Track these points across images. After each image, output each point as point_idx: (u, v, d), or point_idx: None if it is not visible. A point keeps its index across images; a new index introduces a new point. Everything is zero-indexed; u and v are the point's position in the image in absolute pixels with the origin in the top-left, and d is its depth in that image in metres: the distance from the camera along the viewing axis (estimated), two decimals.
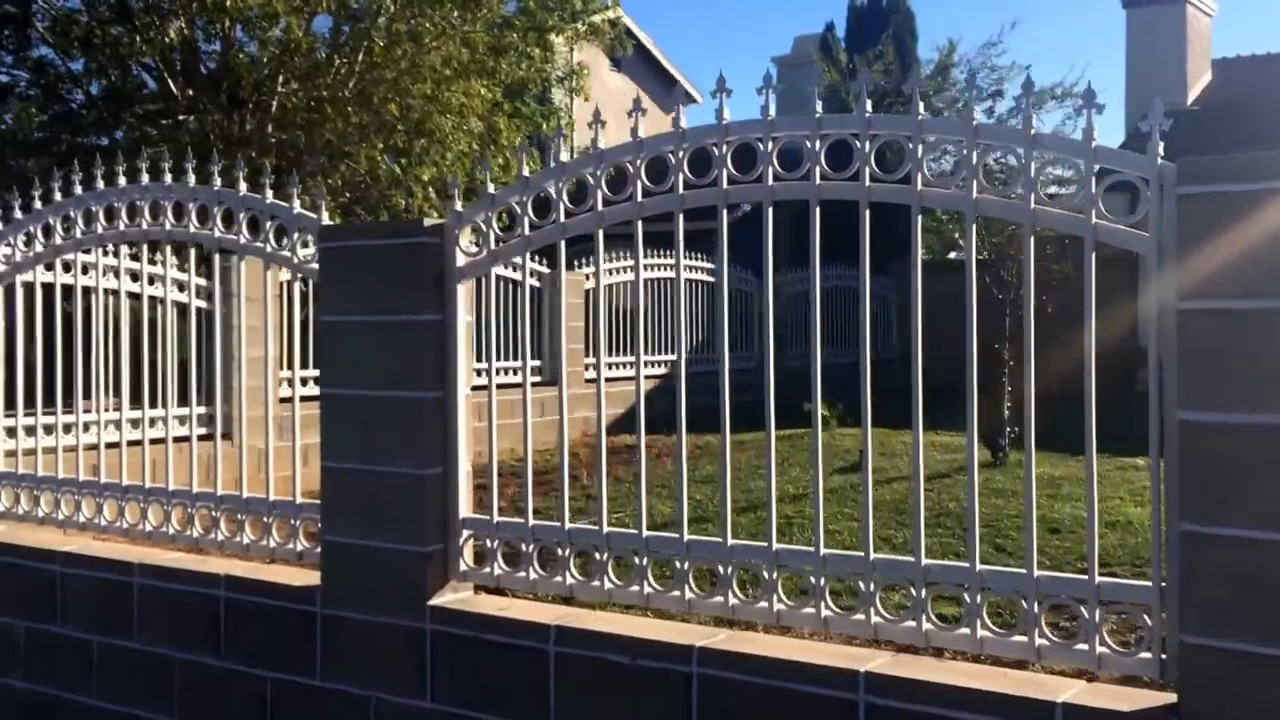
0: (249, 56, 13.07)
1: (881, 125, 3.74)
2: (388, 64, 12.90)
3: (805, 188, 3.85)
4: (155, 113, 13.32)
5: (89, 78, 14.18)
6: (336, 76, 12.88)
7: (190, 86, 13.38)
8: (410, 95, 13.06)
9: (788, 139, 3.91)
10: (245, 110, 13.12)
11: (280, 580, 4.89)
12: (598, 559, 4.18)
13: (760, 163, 3.91)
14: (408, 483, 4.45)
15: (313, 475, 5.27)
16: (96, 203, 5.57)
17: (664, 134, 4.06)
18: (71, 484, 5.69)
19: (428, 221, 4.47)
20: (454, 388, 4.47)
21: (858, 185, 3.77)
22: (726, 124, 3.97)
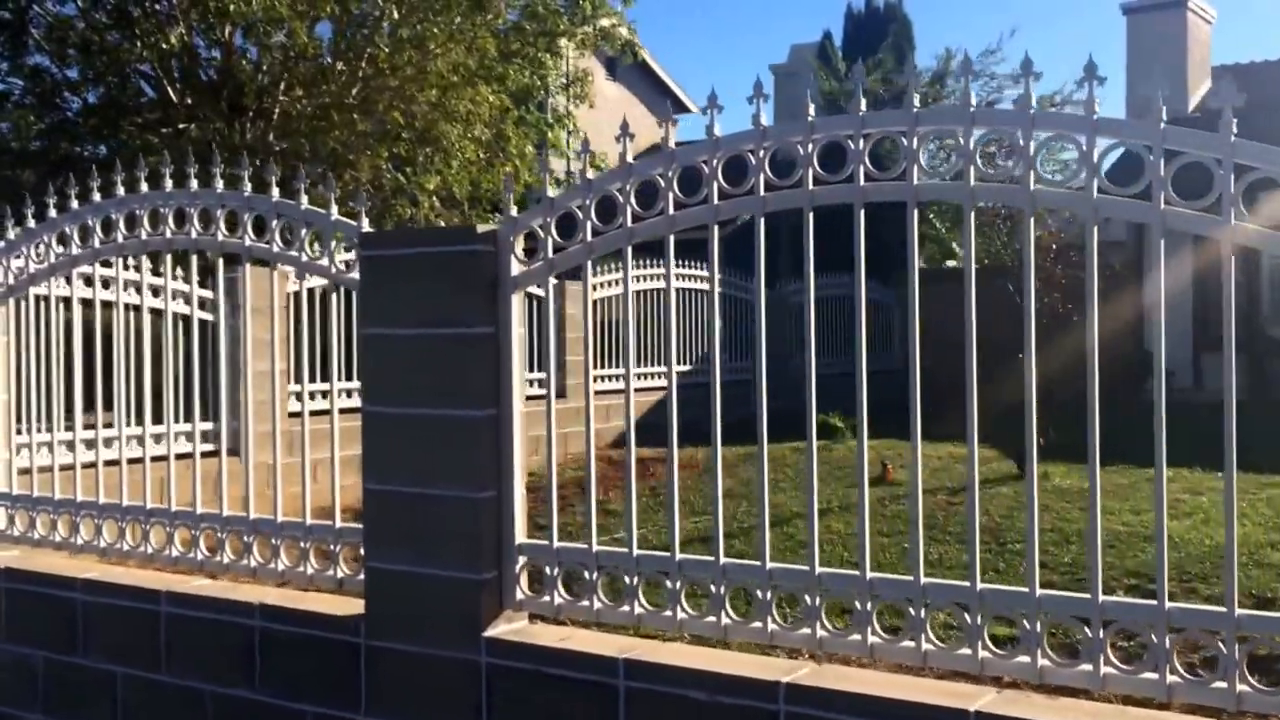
0: (251, 63, 12.77)
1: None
2: (392, 70, 12.64)
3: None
4: (154, 121, 13.03)
5: (86, 85, 13.86)
6: (339, 83, 12.60)
7: (190, 94, 13.09)
8: (415, 102, 12.80)
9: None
10: (245, 118, 12.84)
11: (320, 609, 4.62)
12: (669, 587, 3.91)
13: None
14: (460, 506, 4.19)
15: (322, 491, 5.03)
16: (117, 210, 5.30)
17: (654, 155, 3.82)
18: (91, 507, 5.40)
19: (480, 228, 4.21)
20: (508, 405, 4.21)
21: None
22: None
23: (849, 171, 3.62)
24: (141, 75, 13.55)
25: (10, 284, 5.68)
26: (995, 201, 3.61)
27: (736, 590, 3.85)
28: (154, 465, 5.42)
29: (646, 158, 3.95)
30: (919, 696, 3.42)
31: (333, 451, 4.66)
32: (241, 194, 4.91)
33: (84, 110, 13.93)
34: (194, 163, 5.19)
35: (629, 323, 4.18)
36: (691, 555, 3.95)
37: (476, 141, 12.94)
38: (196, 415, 5.09)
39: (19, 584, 5.44)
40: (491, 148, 13.21)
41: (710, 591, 3.83)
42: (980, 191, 3.52)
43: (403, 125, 12.48)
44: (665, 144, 3.90)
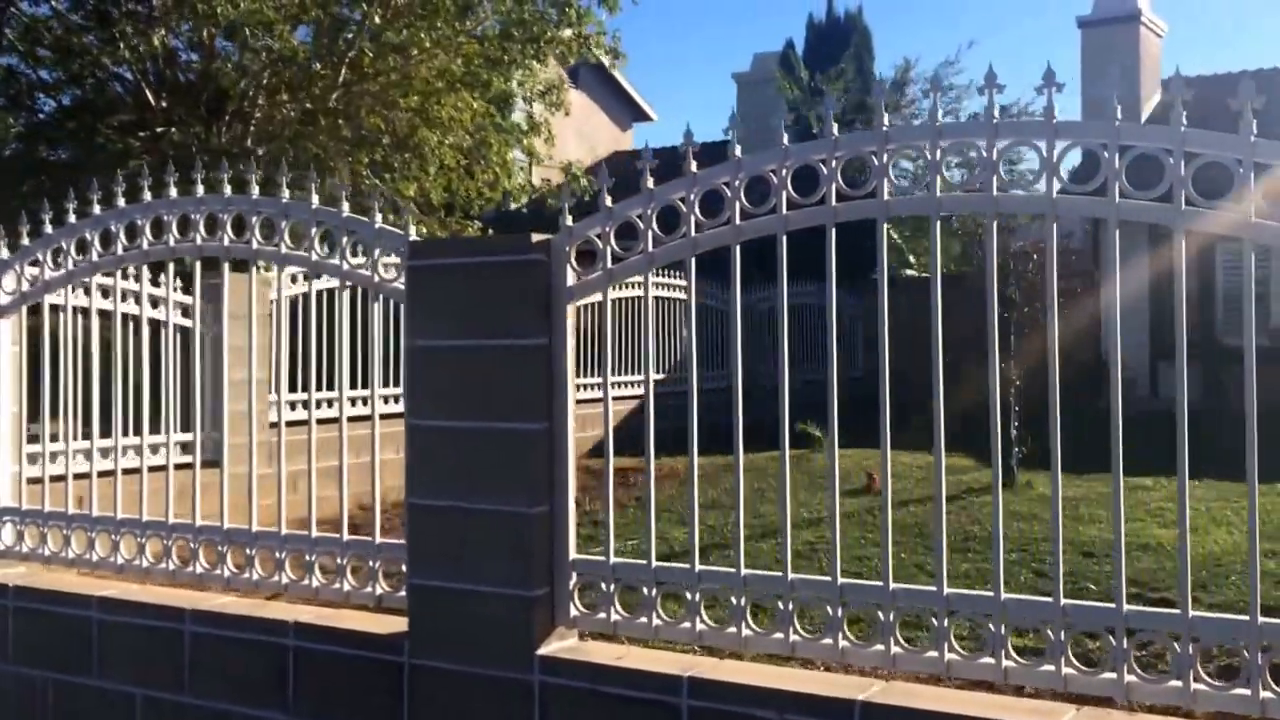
0: (235, 66, 12.54)
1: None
2: (375, 76, 12.46)
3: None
4: (131, 124, 12.75)
5: (61, 87, 13.54)
6: (322, 88, 12.40)
7: (168, 97, 12.82)
8: (396, 108, 12.63)
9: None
10: (221, 122, 12.60)
11: (359, 627, 4.50)
12: (734, 604, 3.84)
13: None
14: (512, 522, 4.10)
15: (299, 502, 4.91)
16: (142, 215, 5.14)
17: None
18: (108, 522, 5.24)
19: (536, 237, 4.13)
20: (562, 418, 4.13)
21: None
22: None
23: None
24: (117, 78, 13.27)
25: (24, 291, 5.51)
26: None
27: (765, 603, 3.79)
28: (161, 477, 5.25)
29: (699, 170, 3.90)
30: (1007, 715, 3.38)
31: (374, 461, 4.56)
32: (277, 200, 4.78)
33: (59, 113, 13.61)
34: (173, 170, 5.08)
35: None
36: (756, 571, 3.89)
37: (456, 148, 12.80)
38: (225, 427, 4.94)
39: (30, 602, 5.26)
40: (472, 154, 13.06)
41: (778, 608, 3.77)
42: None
43: (383, 131, 12.30)
44: (731, 153, 3.84)
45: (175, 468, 5.07)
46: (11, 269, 5.53)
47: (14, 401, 5.56)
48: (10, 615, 5.30)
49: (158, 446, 5.55)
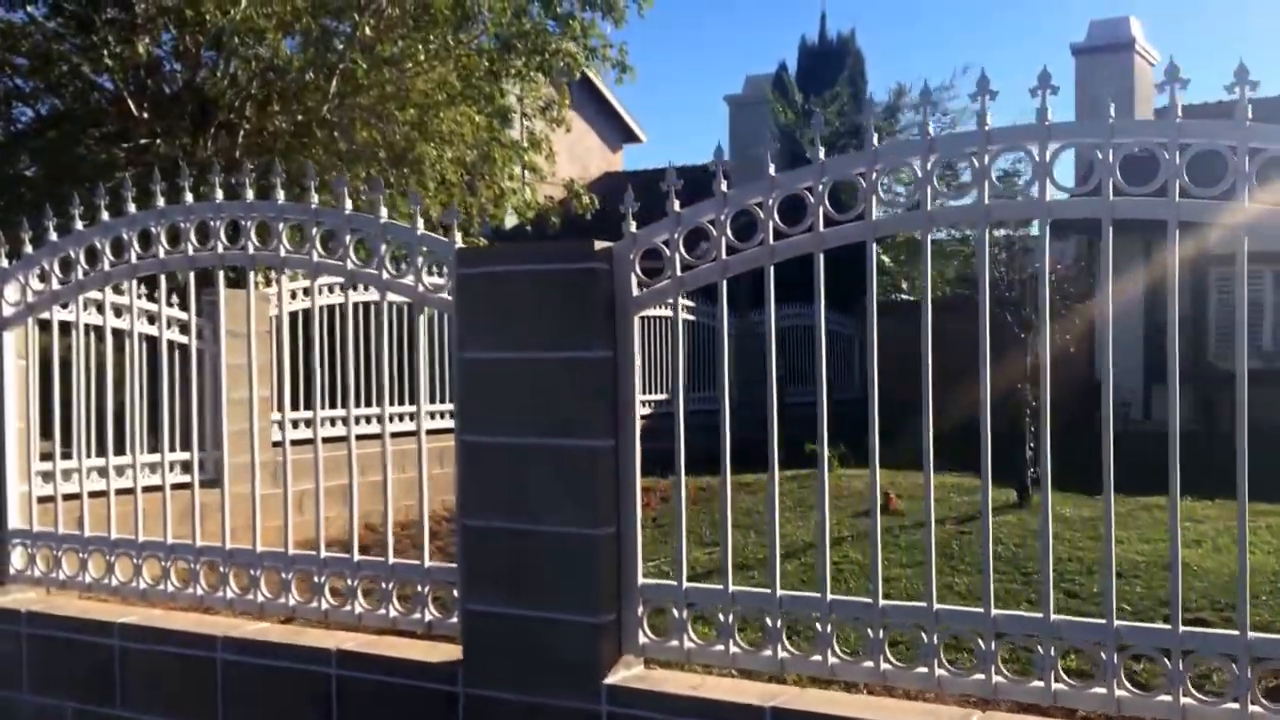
0: (226, 76, 12.25)
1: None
2: (369, 88, 12.21)
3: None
4: (112, 135, 12.45)
5: (38, 96, 13.22)
6: (314, 100, 12.14)
7: (153, 108, 12.55)
8: (392, 122, 12.38)
9: None
10: (206, 134, 12.32)
11: (409, 655, 4.26)
12: (819, 630, 3.62)
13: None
14: (576, 544, 3.87)
15: (306, 524, 4.66)
16: (158, 222, 4.90)
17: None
18: (129, 545, 4.97)
19: (599, 244, 3.91)
20: (628, 434, 3.91)
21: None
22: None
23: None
24: (96, 88, 12.98)
25: (29, 303, 5.25)
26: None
27: (849, 630, 3.57)
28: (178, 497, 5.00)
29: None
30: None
31: (420, 477, 4.32)
32: (307, 205, 4.56)
33: (38, 123, 13.28)
34: (160, 181, 4.93)
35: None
36: (842, 596, 3.67)
37: (458, 163, 12.56)
38: (255, 445, 4.68)
39: (45, 629, 4.99)
40: (475, 169, 12.82)
41: (868, 635, 3.56)
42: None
43: (378, 145, 12.04)
44: (815, 157, 3.64)
45: (176, 488, 4.84)
46: (15, 279, 5.27)
47: (20, 418, 5.30)
48: (25, 643, 5.03)
49: (176, 465, 5.29)
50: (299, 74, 11.95)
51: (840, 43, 24.27)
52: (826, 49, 24.15)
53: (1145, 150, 3.29)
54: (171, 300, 8.06)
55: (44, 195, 12.06)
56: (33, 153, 12.64)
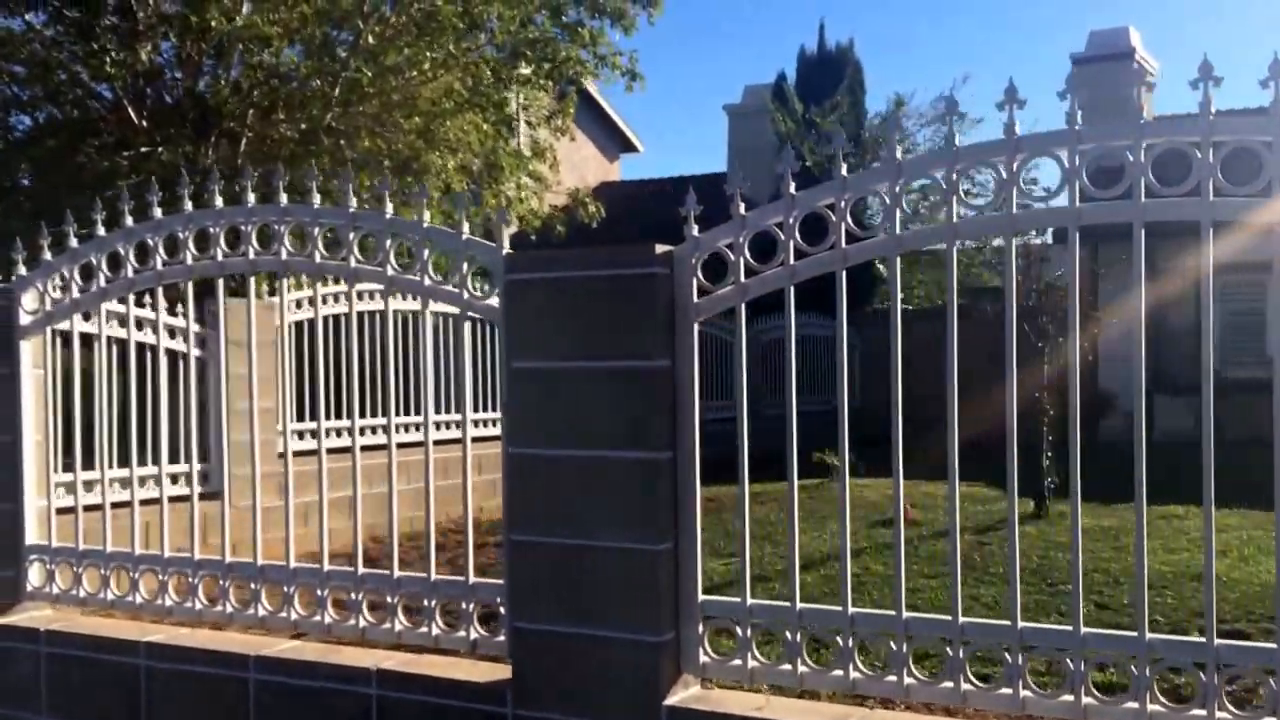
0: (229, 83, 12.06)
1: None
2: (375, 96, 12.04)
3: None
4: (113, 143, 12.24)
5: (37, 104, 13.01)
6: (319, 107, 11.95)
7: (153, 115, 12.35)
8: (397, 130, 12.20)
9: None
10: (207, 142, 12.12)
11: (453, 675, 4.10)
12: (892, 649, 3.48)
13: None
14: (634, 559, 3.72)
15: (310, 536, 4.50)
16: (185, 227, 4.74)
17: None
18: (154, 561, 4.80)
19: (659, 248, 3.77)
20: (687, 446, 3.76)
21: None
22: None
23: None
24: (95, 96, 12.78)
25: (48, 311, 5.08)
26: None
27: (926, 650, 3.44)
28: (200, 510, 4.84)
29: None
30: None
31: (465, 493, 4.16)
32: (345, 210, 4.40)
33: (36, 131, 13.07)
34: (158, 189, 4.86)
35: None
36: (919, 614, 3.53)
37: (464, 171, 12.38)
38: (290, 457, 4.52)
39: (65, 649, 4.82)
40: (481, 178, 12.64)
41: (947, 655, 3.42)
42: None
43: (383, 153, 11.86)
44: (891, 158, 3.51)
45: (179, 499, 4.66)
46: (33, 286, 5.10)
47: (39, 429, 5.12)
48: (43, 662, 4.85)
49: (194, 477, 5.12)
50: (305, 81, 11.75)
51: (839, 52, 24.17)
52: (825, 58, 24.04)
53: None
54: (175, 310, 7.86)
55: (44, 204, 11.90)
56: (33, 162, 12.41)
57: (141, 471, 4.97)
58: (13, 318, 5.06)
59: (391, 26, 12.20)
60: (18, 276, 5.09)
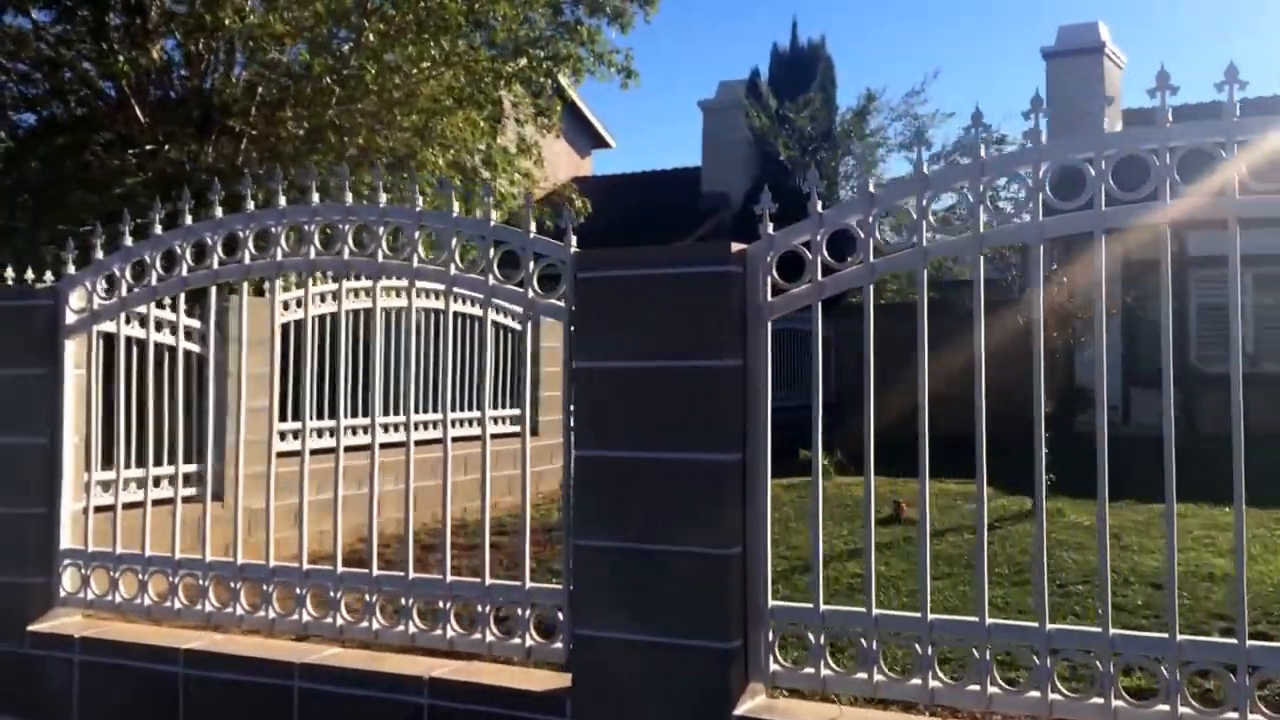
0: (240, 82, 11.91)
1: (835, 220, 3.64)
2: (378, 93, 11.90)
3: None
4: (118, 141, 12.04)
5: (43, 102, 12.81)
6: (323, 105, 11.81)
7: (158, 112, 12.17)
8: (395, 128, 12.07)
9: None
10: (209, 140, 11.95)
11: (508, 683, 4.01)
12: (975, 657, 3.43)
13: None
14: (702, 565, 3.65)
15: (327, 537, 4.42)
16: (245, 226, 4.63)
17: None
18: (194, 565, 4.69)
19: (734, 246, 3.70)
20: (759, 448, 3.69)
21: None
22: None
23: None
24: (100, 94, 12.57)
25: (94, 310, 4.96)
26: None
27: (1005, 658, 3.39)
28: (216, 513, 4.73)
29: None
30: None
31: (524, 489, 4.09)
32: (412, 210, 4.32)
33: (40, 128, 12.86)
34: (157, 189, 4.70)
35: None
36: (1004, 620, 3.48)
37: (457, 167, 12.25)
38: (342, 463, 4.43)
39: (101, 656, 4.70)
40: (475, 174, 12.52)
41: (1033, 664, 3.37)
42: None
43: (380, 151, 11.72)
44: (977, 153, 3.46)
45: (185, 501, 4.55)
46: (81, 285, 4.98)
47: (77, 431, 5.01)
48: (77, 670, 4.73)
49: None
50: (318, 78, 11.61)
51: (811, 49, 24.16)
52: (798, 55, 24.02)
53: None
54: None
55: (53, 202, 11.76)
56: (41, 159, 12.21)
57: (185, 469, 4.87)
58: (59, 317, 4.94)
59: (395, 24, 12.07)
60: (66, 275, 4.98)
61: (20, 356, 4.96)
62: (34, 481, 4.93)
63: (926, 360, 3.57)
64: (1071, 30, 20.86)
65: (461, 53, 12.24)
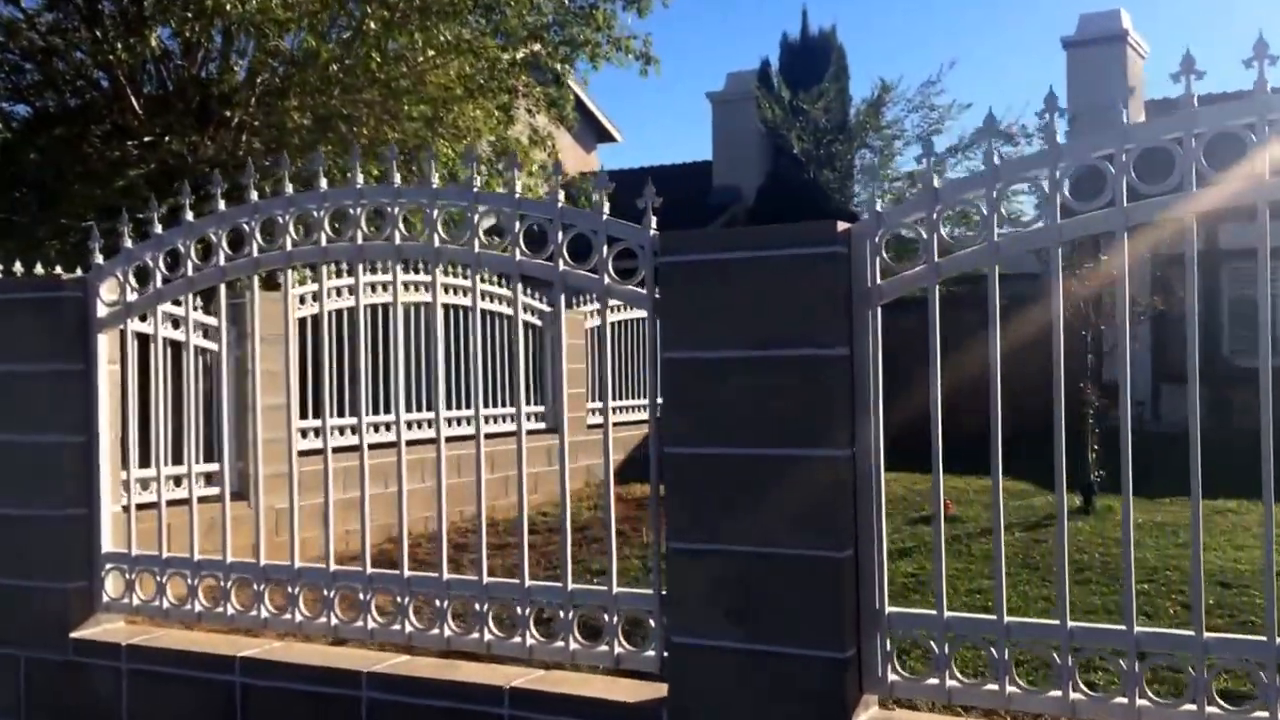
0: (243, 69, 11.62)
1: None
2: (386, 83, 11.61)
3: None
4: (115, 132, 11.75)
5: (37, 91, 12.54)
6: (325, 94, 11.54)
7: (154, 103, 11.89)
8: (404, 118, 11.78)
9: None
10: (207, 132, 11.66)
11: (598, 694, 3.76)
12: (1125, 669, 3.17)
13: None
14: (812, 568, 3.40)
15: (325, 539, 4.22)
16: (285, 211, 4.37)
17: None
18: (249, 569, 4.42)
19: (840, 225, 3.44)
20: (867, 442, 3.44)
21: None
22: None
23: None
24: (93, 84, 12.29)
25: (129, 302, 4.69)
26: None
27: None
28: None
29: None
30: None
31: (608, 495, 3.82)
32: (469, 190, 4.05)
33: (40, 120, 12.57)
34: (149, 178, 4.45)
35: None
36: (1153, 629, 3.22)
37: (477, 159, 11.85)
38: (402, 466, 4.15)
39: (150, 664, 4.45)
40: (490, 166, 12.22)
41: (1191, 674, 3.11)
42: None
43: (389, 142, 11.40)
44: (1120, 125, 3.20)
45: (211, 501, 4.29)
46: (112, 275, 4.71)
47: (113, 428, 4.74)
48: (125, 681, 4.47)
49: None
50: (323, 66, 11.31)
51: (822, 38, 23.82)
52: (809, 45, 23.68)
53: None
54: None
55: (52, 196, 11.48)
56: (40, 150, 11.92)
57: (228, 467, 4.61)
58: (90, 309, 4.67)
59: (398, 9, 11.76)
60: (95, 265, 4.71)
61: (50, 351, 4.69)
62: (71, 482, 4.67)
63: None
64: (1093, 19, 20.60)
65: (470, 39, 11.96)
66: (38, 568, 4.66)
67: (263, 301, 4.59)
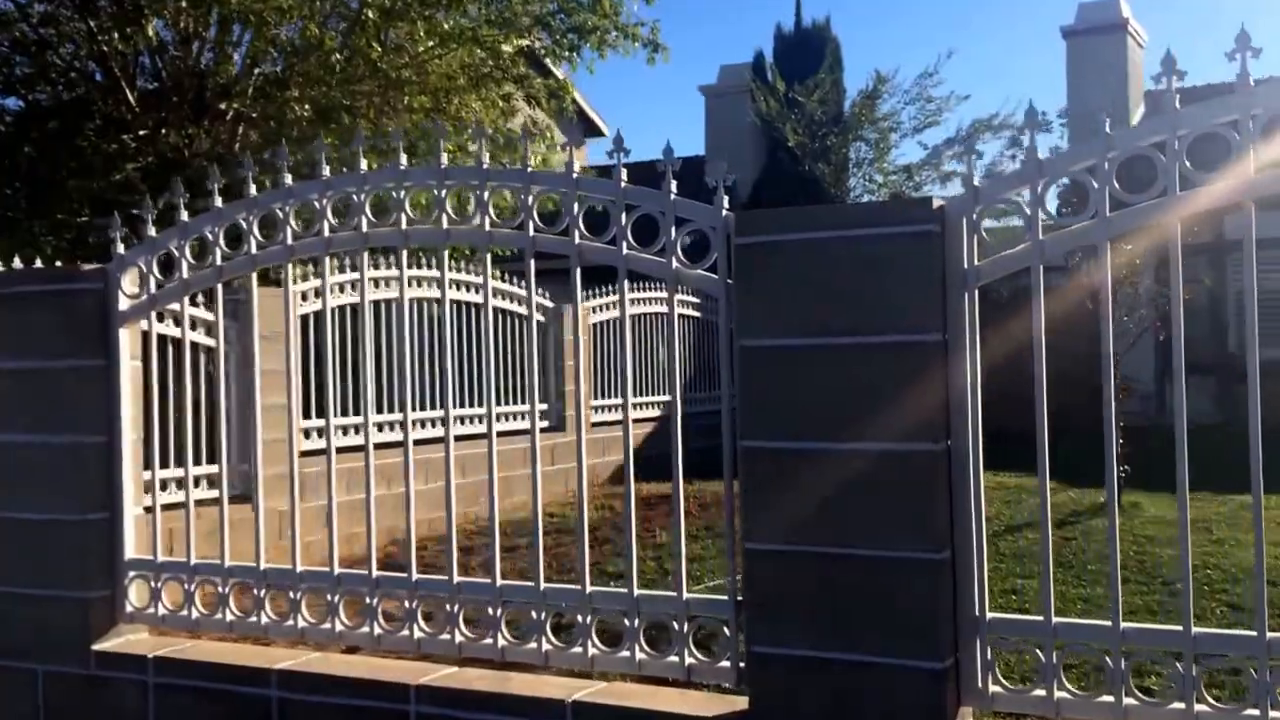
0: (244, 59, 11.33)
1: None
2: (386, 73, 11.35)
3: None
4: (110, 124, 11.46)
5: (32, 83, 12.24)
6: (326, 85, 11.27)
7: (149, 96, 11.60)
8: (405, 109, 11.52)
9: None
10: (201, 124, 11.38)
11: (671, 708, 3.51)
12: (1254, 676, 2.94)
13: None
14: (905, 571, 3.16)
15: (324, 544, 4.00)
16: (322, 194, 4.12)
17: None
18: (285, 576, 4.16)
19: (936, 200, 3.19)
20: (963, 435, 3.20)
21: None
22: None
23: None
24: (87, 77, 12.00)
25: (153, 293, 4.42)
26: None
27: None
28: None
29: None
30: None
31: (730, 493, 3.57)
32: (524, 171, 3.80)
33: (33, 113, 12.27)
34: None
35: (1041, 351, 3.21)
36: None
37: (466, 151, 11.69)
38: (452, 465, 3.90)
39: (179, 678, 4.18)
40: (494, 158, 11.94)
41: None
42: None
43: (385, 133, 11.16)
44: (1170, 109, 2.95)
45: None
46: (134, 265, 4.44)
47: (135, 428, 4.47)
48: (152, 695, 4.20)
49: None
50: (326, 55, 11.03)
51: (816, 30, 23.59)
52: (803, 37, 23.44)
53: None
54: None
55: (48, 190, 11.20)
56: (33, 145, 11.63)
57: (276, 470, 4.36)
58: (109, 302, 4.40)
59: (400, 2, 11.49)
60: (117, 256, 4.43)
61: (67, 346, 4.41)
62: (91, 484, 4.40)
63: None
64: (1092, 8, 20.40)
65: (473, 28, 11.69)
66: (56, 576, 4.39)
67: (263, 298, 4.39)
